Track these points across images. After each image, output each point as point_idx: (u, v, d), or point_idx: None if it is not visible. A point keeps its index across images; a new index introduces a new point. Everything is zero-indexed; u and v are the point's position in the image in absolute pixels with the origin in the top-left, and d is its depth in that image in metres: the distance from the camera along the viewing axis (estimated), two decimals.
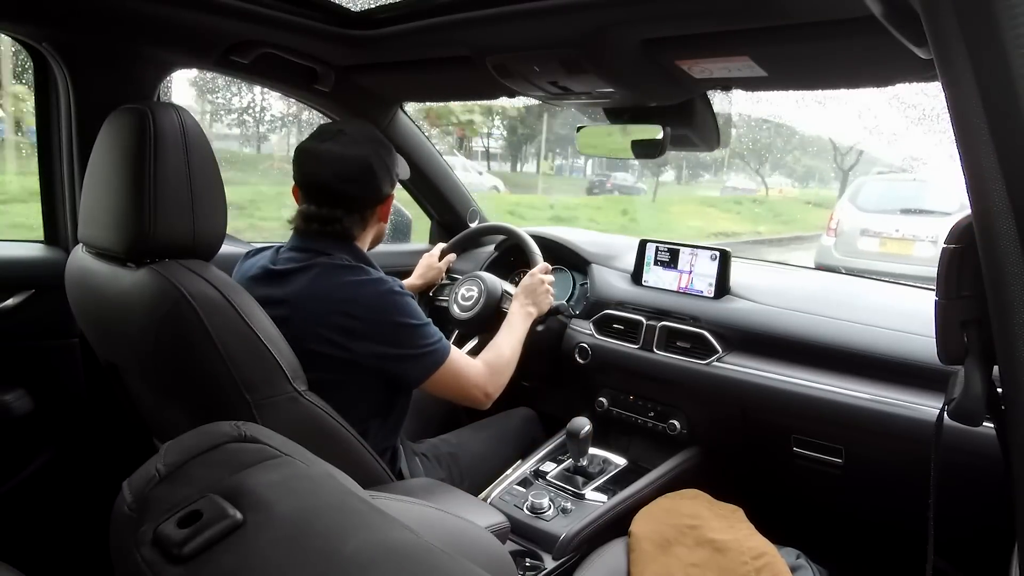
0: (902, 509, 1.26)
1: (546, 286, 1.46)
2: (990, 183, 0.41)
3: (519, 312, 1.40)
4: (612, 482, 1.44)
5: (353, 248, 1.16)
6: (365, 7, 1.27)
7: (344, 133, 1.14)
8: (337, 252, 1.12)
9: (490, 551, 0.79)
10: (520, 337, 1.35)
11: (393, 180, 1.20)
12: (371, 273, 1.11)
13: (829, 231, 5.42)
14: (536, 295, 1.44)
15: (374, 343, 1.08)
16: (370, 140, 1.16)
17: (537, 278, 1.46)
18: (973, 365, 0.56)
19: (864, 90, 1.05)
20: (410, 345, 1.10)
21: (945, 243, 0.58)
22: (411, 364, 1.11)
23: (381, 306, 1.08)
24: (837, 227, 5.35)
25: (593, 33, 1.01)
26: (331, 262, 1.10)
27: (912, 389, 1.16)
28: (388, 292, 1.09)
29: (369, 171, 1.13)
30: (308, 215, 1.14)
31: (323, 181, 1.12)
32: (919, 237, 4.83)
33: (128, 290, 0.92)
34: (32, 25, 1.19)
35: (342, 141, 1.12)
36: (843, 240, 5.26)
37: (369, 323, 1.07)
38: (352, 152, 1.12)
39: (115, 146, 0.93)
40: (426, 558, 0.38)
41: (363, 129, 1.18)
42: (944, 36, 0.42)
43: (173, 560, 0.36)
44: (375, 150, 1.15)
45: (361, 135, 1.15)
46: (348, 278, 1.08)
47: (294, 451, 0.46)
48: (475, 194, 2.04)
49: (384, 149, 1.17)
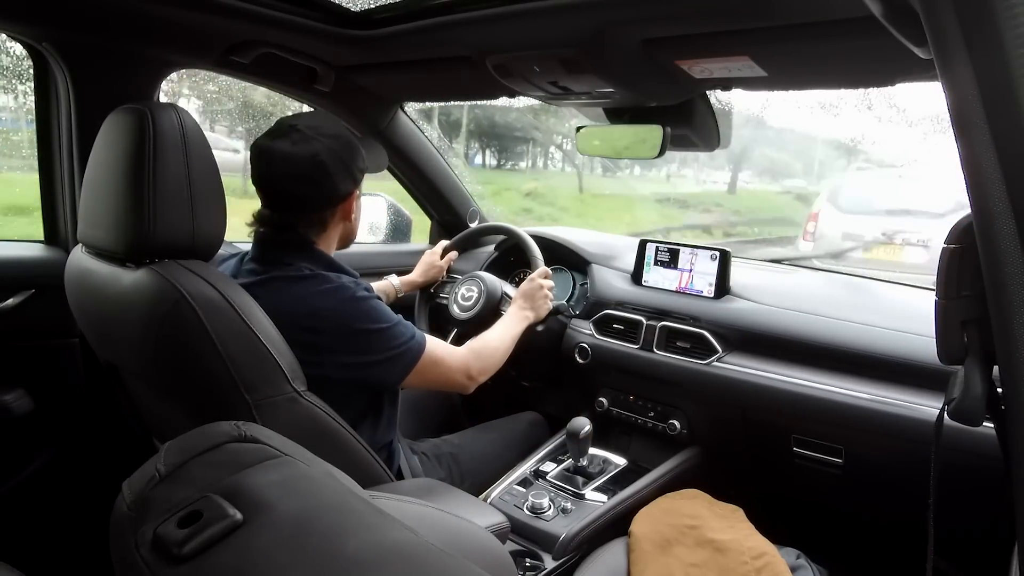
0: (902, 509, 1.26)
1: (545, 291, 1.45)
2: (990, 183, 0.41)
3: (516, 315, 1.39)
4: (612, 482, 1.44)
5: (314, 254, 1.10)
6: (365, 7, 1.27)
7: (296, 129, 1.05)
8: (297, 261, 1.07)
9: (490, 551, 0.79)
10: (513, 335, 1.34)
11: (355, 176, 1.11)
12: (332, 280, 1.05)
13: (806, 235, 4.90)
14: (534, 300, 1.43)
15: (343, 354, 1.04)
16: (324, 135, 1.07)
17: (536, 283, 1.45)
18: (973, 365, 0.56)
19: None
20: (381, 350, 1.07)
21: (945, 243, 0.58)
22: (385, 368, 1.08)
23: (345, 316, 1.04)
24: (815, 231, 4.81)
25: (593, 33, 1.01)
26: (288, 274, 1.05)
27: (912, 389, 1.16)
28: (350, 300, 1.05)
29: (320, 169, 1.05)
30: (262, 219, 1.09)
31: (273, 182, 1.06)
32: (909, 241, 4.23)
33: (127, 290, 0.92)
34: (32, 25, 1.19)
35: (292, 138, 1.05)
36: (822, 245, 4.74)
37: (334, 336, 1.03)
38: (302, 149, 1.04)
39: (114, 146, 0.93)
40: (426, 558, 0.38)
41: (318, 122, 1.09)
42: (944, 36, 0.42)
43: (173, 560, 0.36)
44: (328, 145, 1.06)
45: (314, 129, 1.06)
46: (309, 290, 1.04)
47: (294, 451, 0.46)
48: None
49: (341, 143, 1.08)
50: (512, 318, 1.38)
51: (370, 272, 1.83)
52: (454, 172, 1.94)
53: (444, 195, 1.93)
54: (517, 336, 1.36)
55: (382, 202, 1.97)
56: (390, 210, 1.97)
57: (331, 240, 1.15)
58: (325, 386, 1.02)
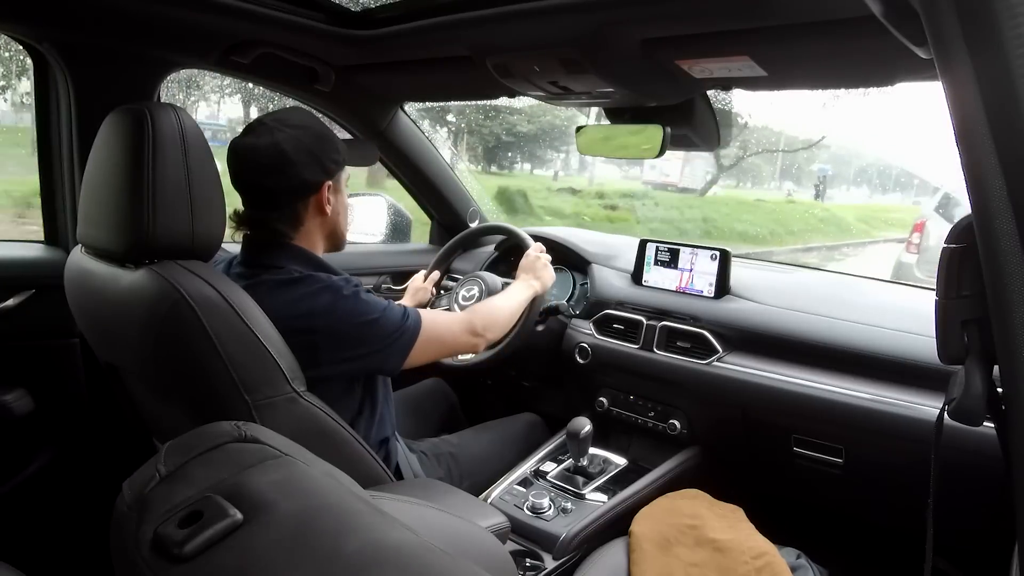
0: (902, 509, 1.26)
1: (544, 261, 1.45)
2: (990, 182, 0.41)
3: (521, 283, 1.40)
4: (612, 482, 1.44)
5: (299, 254, 1.09)
6: (365, 7, 1.27)
7: (262, 123, 1.05)
8: (286, 264, 1.06)
9: (490, 551, 0.79)
10: (519, 301, 1.35)
11: (325, 166, 1.08)
12: (322, 280, 1.05)
13: (910, 246, 4.87)
14: (536, 269, 1.43)
15: (339, 352, 1.04)
16: (289, 125, 1.05)
17: (533, 256, 1.45)
18: (973, 365, 0.56)
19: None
20: (377, 339, 1.07)
21: (945, 243, 0.58)
22: (384, 355, 1.08)
23: (338, 314, 1.03)
24: (921, 242, 4.74)
25: (593, 33, 1.01)
26: (276, 278, 1.04)
27: (912, 389, 1.16)
28: (342, 298, 1.04)
29: (281, 157, 1.02)
30: (240, 218, 1.09)
31: (241, 176, 1.06)
32: None
33: (127, 291, 0.92)
34: (32, 25, 1.19)
35: (258, 131, 1.04)
36: (928, 257, 4.58)
37: (329, 335, 1.03)
38: (263, 140, 1.02)
39: (113, 147, 0.93)
40: (426, 558, 0.38)
41: (285, 115, 1.07)
42: (944, 36, 0.42)
43: (173, 560, 0.36)
44: (292, 135, 1.03)
45: (279, 121, 1.05)
46: (300, 292, 1.03)
47: (295, 451, 0.46)
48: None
49: (307, 132, 1.05)
50: (518, 286, 1.39)
51: (370, 272, 1.83)
52: (454, 172, 1.94)
53: (444, 195, 1.93)
54: (523, 304, 1.36)
55: (382, 202, 1.97)
56: (390, 210, 1.97)
57: (312, 238, 1.12)
58: (320, 384, 1.02)
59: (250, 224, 1.10)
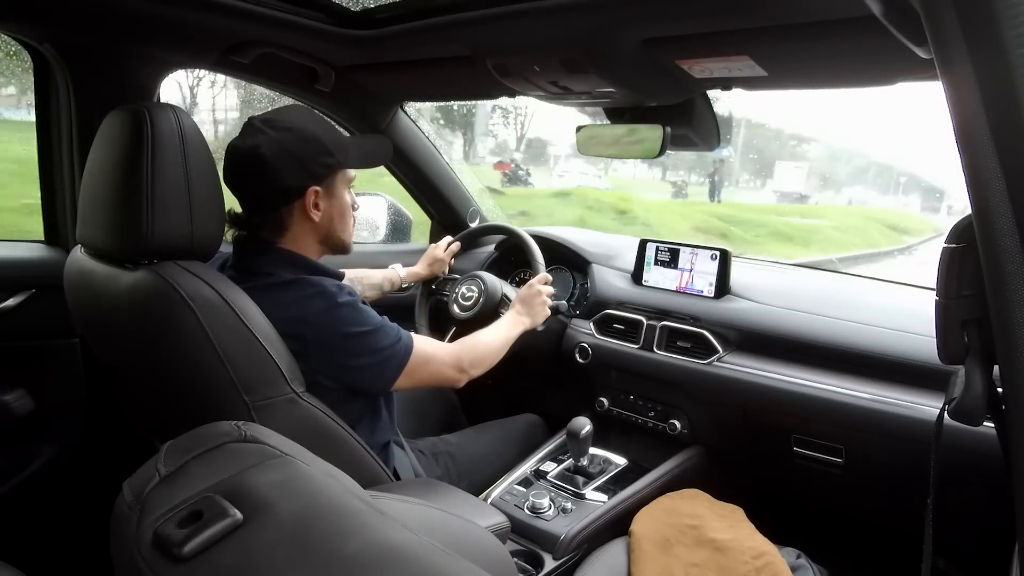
0: (902, 509, 1.26)
1: (543, 298, 1.43)
2: (990, 182, 0.41)
3: (512, 319, 1.38)
4: (612, 482, 1.44)
5: (290, 258, 1.07)
6: (365, 7, 1.27)
7: (251, 124, 1.03)
8: (277, 269, 1.05)
9: (490, 551, 0.79)
10: (507, 337, 1.33)
11: (311, 171, 1.04)
12: (314, 285, 1.03)
13: None
14: (532, 307, 1.41)
15: (328, 359, 1.02)
16: (276, 127, 1.02)
17: (535, 289, 1.43)
18: (973, 364, 0.56)
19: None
20: (366, 354, 1.04)
21: (945, 243, 0.58)
22: (373, 372, 1.06)
23: (329, 321, 1.01)
24: None
25: (593, 33, 1.01)
26: (268, 283, 1.02)
27: (912, 389, 1.16)
28: (334, 305, 1.02)
29: (259, 162, 1.00)
30: (231, 218, 1.06)
31: (226, 179, 1.04)
32: None
33: (126, 291, 0.92)
34: (32, 25, 1.19)
35: (244, 133, 1.02)
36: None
37: (319, 342, 1.01)
38: (246, 143, 1.01)
39: (112, 147, 0.93)
40: (426, 558, 0.38)
41: (276, 116, 1.05)
42: (944, 36, 0.42)
43: (173, 560, 0.36)
44: (275, 138, 1.01)
45: (268, 123, 1.02)
46: (290, 296, 1.01)
47: (295, 451, 0.46)
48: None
49: (292, 136, 1.02)
50: (508, 321, 1.37)
51: None
52: (454, 172, 1.95)
53: (444, 195, 1.93)
54: (511, 340, 1.34)
55: (382, 202, 1.97)
56: (390, 210, 1.97)
57: (302, 242, 1.09)
58: (320, 389, 1.02)
59: (239, 226, 1.09)
